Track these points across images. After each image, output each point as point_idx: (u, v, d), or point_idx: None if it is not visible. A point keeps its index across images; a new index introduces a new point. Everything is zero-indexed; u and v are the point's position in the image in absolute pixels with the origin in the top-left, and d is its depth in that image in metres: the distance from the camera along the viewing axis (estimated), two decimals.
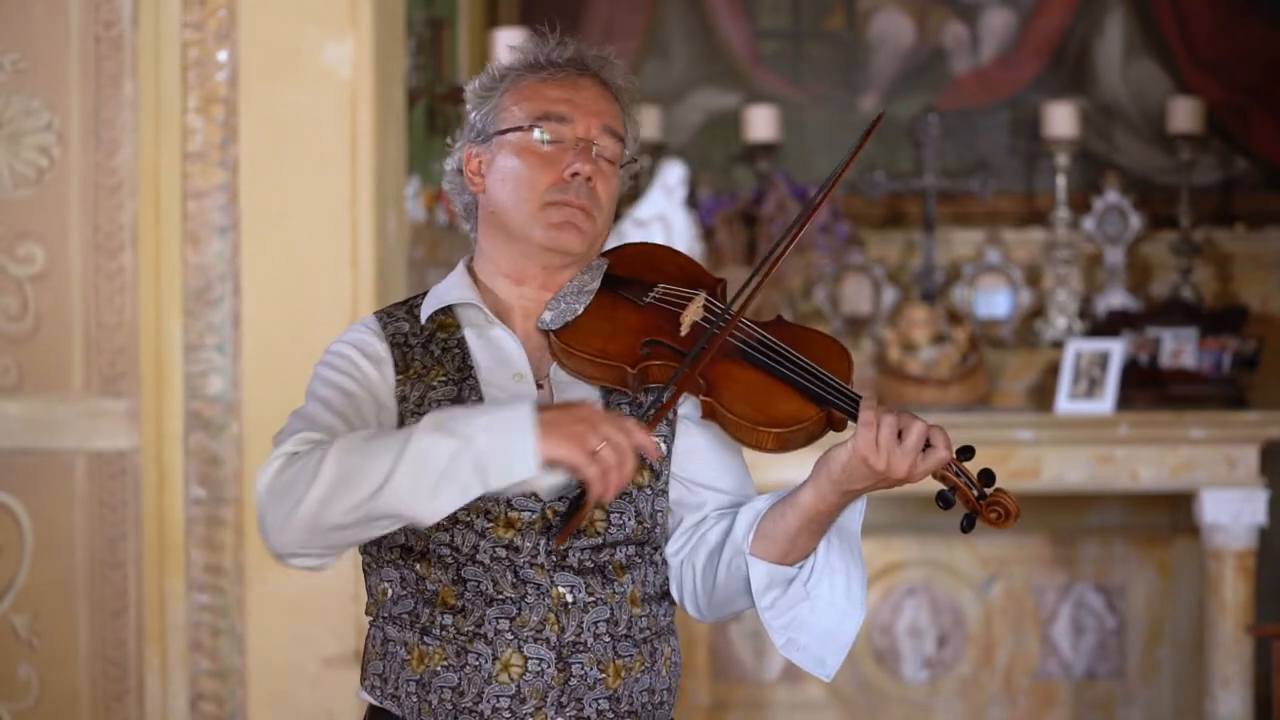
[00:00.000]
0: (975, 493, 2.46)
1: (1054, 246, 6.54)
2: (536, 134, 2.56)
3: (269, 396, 4.84)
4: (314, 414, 2.47)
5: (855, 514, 2.55)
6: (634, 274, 2.63)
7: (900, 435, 2.41)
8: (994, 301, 6.62)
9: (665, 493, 2.59)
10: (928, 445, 2.43)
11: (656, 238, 5.99)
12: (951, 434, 2.48)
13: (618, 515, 2.53)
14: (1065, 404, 6.06)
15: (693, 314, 2.55)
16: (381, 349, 2.56)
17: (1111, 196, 6.59)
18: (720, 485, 2.61)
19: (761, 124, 6.60)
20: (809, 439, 2.50)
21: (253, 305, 4.85)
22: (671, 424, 2.59)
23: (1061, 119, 6.50)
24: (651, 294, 2.59)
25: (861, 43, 6.89)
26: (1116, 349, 6.09)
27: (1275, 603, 6.28)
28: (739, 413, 2.47)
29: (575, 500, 2.43)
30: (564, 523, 2.44)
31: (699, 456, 2.60)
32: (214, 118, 4.85)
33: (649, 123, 6.62)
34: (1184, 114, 6.56)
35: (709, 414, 2.50)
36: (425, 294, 2.65)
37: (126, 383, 4.89)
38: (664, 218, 6.08)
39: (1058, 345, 6.36)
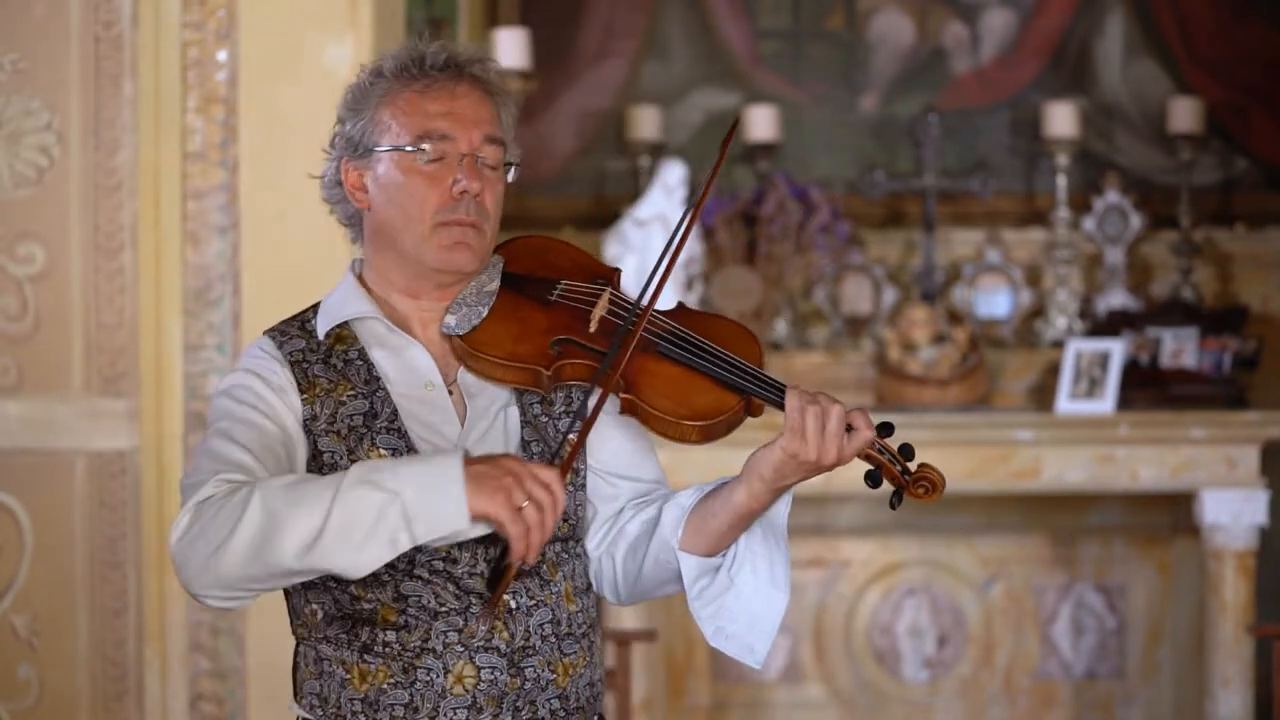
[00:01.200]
0: (899, 469, 2.46)
1: (1054, 246, 6.54)
2: (419, 155, 2.50)
3: None
4: (222, 450, 2.42)
5: (783, 505, 2.54)
6: (530, 270, 2.58)
7: (822, 423, 2.41)
8: (994, 301, 6.61)
9: (584, 486, 2.58)
10: (849, 427, 2.42)
11: (656, 238, 5.99)
12: (952, 434, 2.49)
13: None
14: (1065, 404, 6.06)
15: (600, 309, 2.52)
16: (282, 373, 2.50)
17: (1111, 196, 6.59)
18: (636, 475, 2.60)
19: (761, 124, 6.60)
20: (730, 428, 2.49)
21: (253, 305, 4.85)
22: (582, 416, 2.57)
23: (1061, 119, 6.50)
24: (555, 291, 2.55)
25: (861, 43, 6.89)
26: (1117, 349, 6.09)
27: (1275, 603, 6.28)
28: (661, 408, 2.45)
29: (497, 563, 2.38)
30: (491, 588, 2.39)
31: (614, 448, 2.59)
32: (214, 118, 4.85)
33: (649, 123, 6.63)
34: (1184, 114, 6.56)
35: (629, 410, 2.47)
36: (310, 309, 2.59)
37: (126, 383, 4.89)
38: (664, 218, 6.08)
39: (1058, 345, 6.35)
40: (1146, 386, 6.15)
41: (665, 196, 6.12)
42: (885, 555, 6.43)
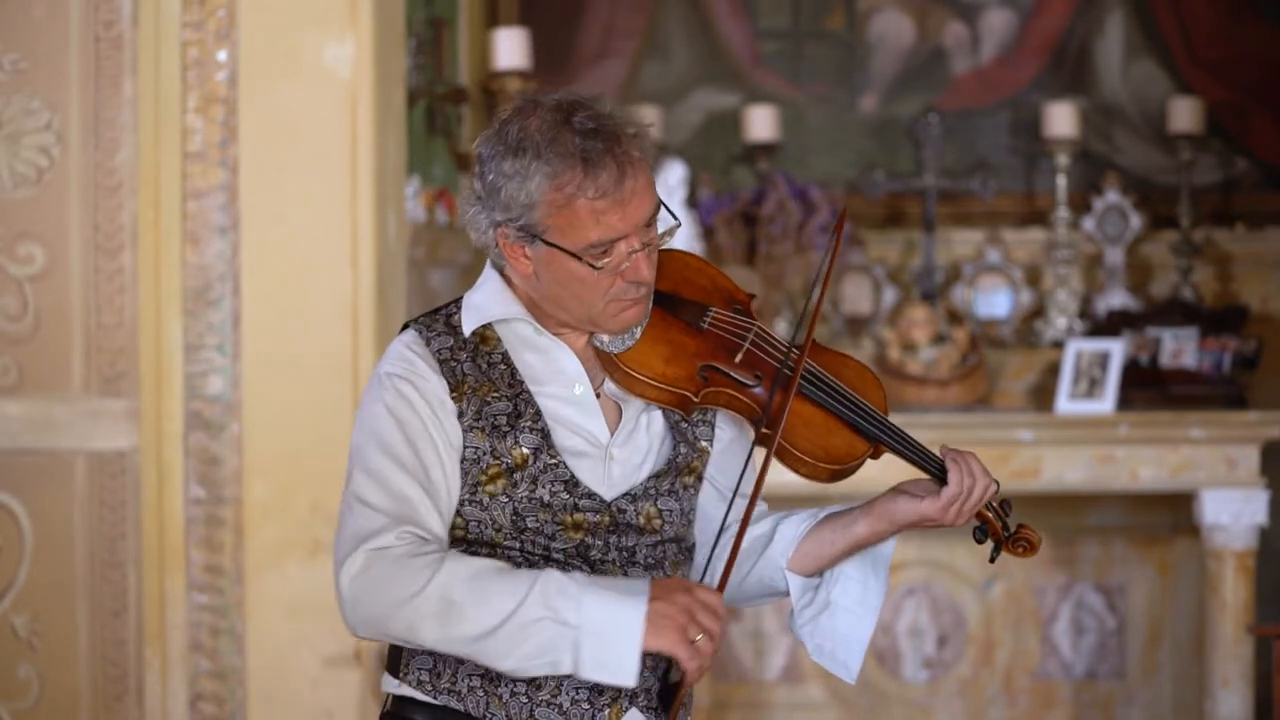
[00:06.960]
0: (1002, 526, 2.61)
1: (1054, 246, 6.54)
2: (593, 265, 2.47)
3: (269, 396, 4.84)
4: (391, 479, 2.45)
5: (893, 539, 2.65)
6: (674, 288, 2.61)
7: (967, 497, 2.55)
8: (994, 301, 6.61)
9: (699, 491, 2.63)
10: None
11: None
12: (952, 435, 2.56)
13: (669, 513, 2.56)
14: (1065, 404, 6.06)
15: (747, 344, 2.58)
16: (433, 377, 2.49)
17: (1111, 196, 6.59)
18: (745, 490, 2.64)
19: (761, 124, 6.60)
20: (855, 471, 2.60)
21: (253, 305, 4.85)
22: (713, 424, 2.63)
23: (1061, 119, 6.50)
24: (707, 319, 2.59)
25: (861, 43, 6.89)
26: (1117, 349, 6.09)
27: (1275, 603, 6.28)
28: (803, 449, 2.54)
29: (667, 685, 2.44)
30: (664, 706, 2.46)
31: (728, 464, 2.65)
32: (214, 118, 4.85)
33: (649, 123, 6.61)
34: (1184, 114, 6.56)
35: (767, 445, 2.54)
36: (453, 304, 2.58)
37: (126, 383, 4.89)
38: (663, 217, 6.07)
39: (1058, 345, 6.35)
40: (1146, 386, 6.15)
41: (665, 197, 6.11)
42: None
